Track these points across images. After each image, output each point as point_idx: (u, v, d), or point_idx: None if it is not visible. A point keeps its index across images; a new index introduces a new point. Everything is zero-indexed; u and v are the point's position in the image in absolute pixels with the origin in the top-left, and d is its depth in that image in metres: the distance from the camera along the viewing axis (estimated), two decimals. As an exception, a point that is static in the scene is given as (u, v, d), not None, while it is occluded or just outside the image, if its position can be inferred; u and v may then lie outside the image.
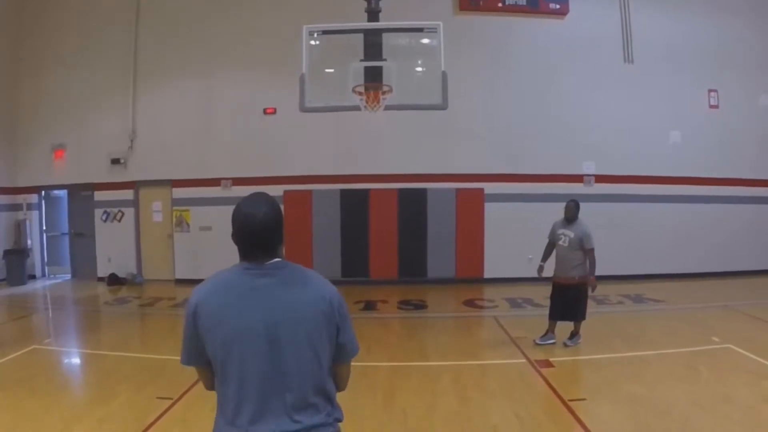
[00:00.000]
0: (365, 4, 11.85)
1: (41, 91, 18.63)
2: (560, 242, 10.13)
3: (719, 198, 17.61)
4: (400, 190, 17.32)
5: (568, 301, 10.01)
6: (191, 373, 2.82)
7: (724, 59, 17.61)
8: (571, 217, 10.11)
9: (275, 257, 2.70)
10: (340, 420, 2.81)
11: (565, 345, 10.05)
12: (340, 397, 2.83)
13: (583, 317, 10.13)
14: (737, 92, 17.78)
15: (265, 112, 16.58)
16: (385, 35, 11.25)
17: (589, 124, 17.24)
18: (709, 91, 17.78)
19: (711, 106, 17.80)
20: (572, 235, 9.96)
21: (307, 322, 2.67)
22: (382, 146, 17.09)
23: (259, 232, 2.66)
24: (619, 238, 16.65)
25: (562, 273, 10.10)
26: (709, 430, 6.36)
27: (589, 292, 10.08)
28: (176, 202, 17.97)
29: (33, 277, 18.73)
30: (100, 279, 18.19)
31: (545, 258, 10.50)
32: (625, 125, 17.27)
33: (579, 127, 17.24)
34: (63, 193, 19.41)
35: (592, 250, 9.87)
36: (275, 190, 16.22)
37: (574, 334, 10.16)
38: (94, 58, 18.15)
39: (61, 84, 18.33)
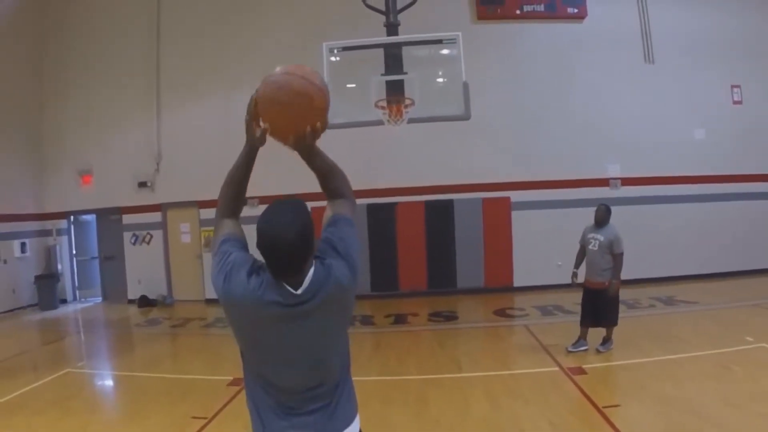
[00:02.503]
0: (384, 18, 11.88)
1: (66, 116, 18.84)
2: (590, 246, 10.10)
3: (747, 194, 17.39)
4: (427, 202, 17.29)
5: (599, 305, 9.95)
6: (224, 392, 2.86)
7: (746, 54, 17.45)
8: (601, 220, 10.07)
9: (308, 269, 2.56)
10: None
11: (598, 351, 9.98)
12: (374, 409, 2.87)
13: (614, 322, 10.06)
14: (760, 87, 17.59)
15: (288, 129, 16.53)
16: (404, 48, 11.27)
17: (612, 127, 17.13)
18: (732, 86, 17.64)
19: (734, 102, 17.65)
20: (602, 238, 9.92)
21: (338, 333, 2.75)
22: (406, 158, 17.07)
23: (289, 259, 2.49)
24: (647, 241, 16.48)
25: (593, 277, 10.06)
26: (744, 430, 6.31)
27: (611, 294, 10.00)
28: (204, 222, 18.02)
29: (64, 301, 18.87)
30: (131, 301, 18.27)
31: (578, 264, 10.44)
32: (649, 126, 17.14)
33: (603, 130, 17.15)
34: (91, 217, 19.58)
35: (621, 254, 9.82)
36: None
37: (606, 340, 10.08)
38: (116, 82, 18.35)
39: (85, 109, 18.54)
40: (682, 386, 7.93)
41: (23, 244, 17.98)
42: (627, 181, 17.29)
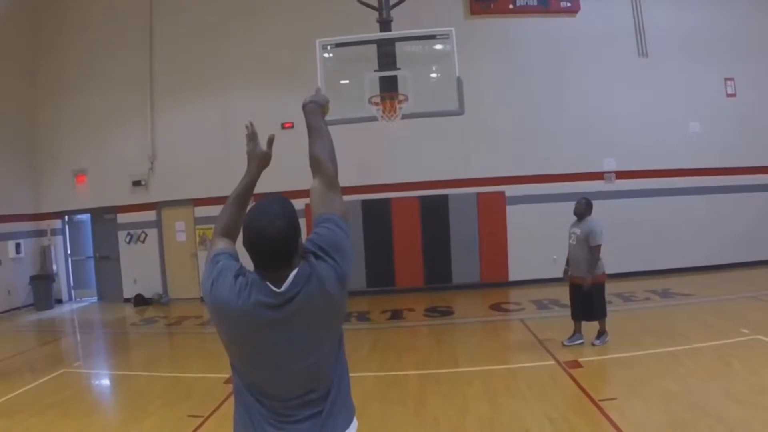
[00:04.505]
0: (377, 14, 11.86)
1: (60, 117, 18.78)
2: (570, 240, 10.16)
3: (741, 187, 17.43)
4: (422, 198, 17.29)
5: (584, 299, 10.00)
6: (221, 390, 2.86)
7: (738, 47, 17.48)
8: (579, 214, 10.10)
9: (292, 267, 2.56)
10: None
11: (593, 345, 9.99)
12: (373, 407, 2.86)
13: (602, 315, 10.08)
14: (753, 79, 17.60)
15: (283, 126, 16.53)
16: (398, 44, 11.24)
17: (607, 121, 17.12)
18: (726, 79, 17.65)
19: (728, 95, 17.67)
20: (579, 232, 9.97)
21: (327, 337, 2.71)
22: (401, 155, 17.08)
23: (273, 249, 2.52)
24: (643, 234, 16.58)
25: (575, 271, 10.10)
26: (746, 423, 6.30)
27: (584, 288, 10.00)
28: (199, 220, 18.04)
29: (60, 301, 18.86)
30: (127, 300, 18.26)
31: (568, 261, 10.47)
32: (643, 119, 17.15)
33: (597, 124, 17.15)
34: (86, 217, 19.58)
35: (596, 247, 9.77)
36: (298, 204, 16.09)
37: (600, 333, 10.08)
38: (110, 83, 18.32)
39: (80, 109, 18.49)
40: (679, 378, 7.95)
41: (18, 245, 17.94)
42: (622, 175, 17.30)
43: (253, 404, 2.69)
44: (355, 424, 2.83)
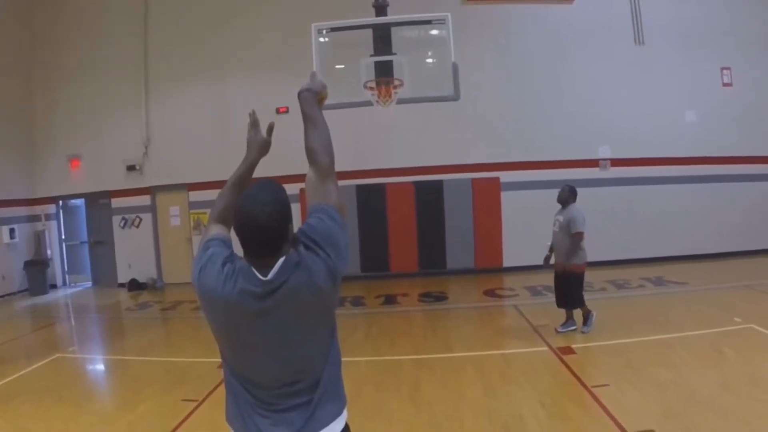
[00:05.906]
0: (372, -1, 11.83)
1: (55, 102, 18.71)
2: (554, 228, 10.16)
3: (737, 176, 17.40)
4: (417, 183, 17.27)
5: (563, 287, 10.05)
6: (215, 375, 2.85)
7: (735, 36, 17.40)
8: (562, 201, 10.10)
9: (281, 255, 2.54)
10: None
11: (583, 333, 9.99)
12: (367, 393, 2.85)
13: (579, 304, 10.06)
14: (750, 69, 17.54)
15: (278, 111, 16.46)
16: (393, 29, 11.22)
17: (603, 108, 17.10)
18: (722, 69, 17.60)
19: (724, 84, 17.63)
20: (561, 219, 9.98)
21: (315, 329, 2.69)
22: (396, 140, 17.05)
23: (263, 237, 2.50)
24: (637, 222, 16.59)
25: (557, 259, 10.13)
26: (739, 412, 6.31)
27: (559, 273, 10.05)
28: (193, 205, 17.99)
29: (54, 286, 18.85)
30: (121, 285, 18.25)
31: (551, 248, 10.47)
32: (639, 107, 17.12)
33: (593, 111, 17.11)
34: (80, 202, 19.53)
35: (577, 234, 9.74)
36: (291, 189, 16.04)
37: (586, 319, 10.07)
38: (105, 68, 18.23)
39: (74, 95, 18.40)
40: (672, 366, 7.97)
41: (12, 230, 17.87)
42: (617, 163, 17.28)
43: (241, 393, 2.69)
44: (344, 415, 2.81)
